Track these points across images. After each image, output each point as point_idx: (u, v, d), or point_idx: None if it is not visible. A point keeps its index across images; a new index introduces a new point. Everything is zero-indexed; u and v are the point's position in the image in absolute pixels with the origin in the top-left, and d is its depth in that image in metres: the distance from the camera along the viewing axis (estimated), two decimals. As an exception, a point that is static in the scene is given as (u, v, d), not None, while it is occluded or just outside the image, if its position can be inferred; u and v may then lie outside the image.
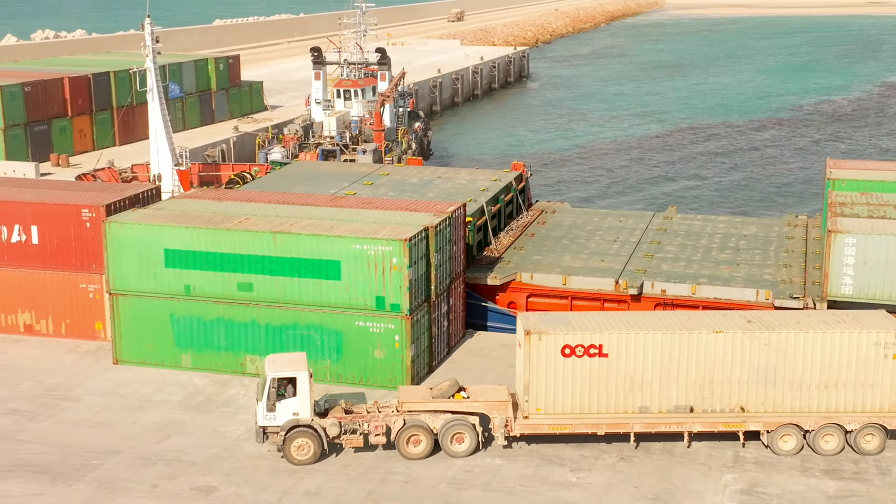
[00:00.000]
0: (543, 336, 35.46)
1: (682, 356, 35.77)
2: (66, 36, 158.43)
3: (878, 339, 35.79)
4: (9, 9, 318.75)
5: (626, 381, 35.84)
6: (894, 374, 36.00)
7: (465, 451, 35.79)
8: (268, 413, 35.28)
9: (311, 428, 35.24)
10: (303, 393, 35.33)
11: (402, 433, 35.59)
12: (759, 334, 35.74)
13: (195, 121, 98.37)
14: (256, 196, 49.07)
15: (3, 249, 46.20)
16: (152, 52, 62.46)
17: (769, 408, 36.14)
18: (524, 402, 35.99)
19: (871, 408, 36.11)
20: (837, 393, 36.04)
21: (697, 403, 36.04)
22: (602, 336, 35.64)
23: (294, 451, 35.09)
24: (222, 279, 41.96)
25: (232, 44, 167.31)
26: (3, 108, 78.97)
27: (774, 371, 35.85)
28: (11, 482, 33.61)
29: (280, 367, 35.71)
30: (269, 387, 35.15)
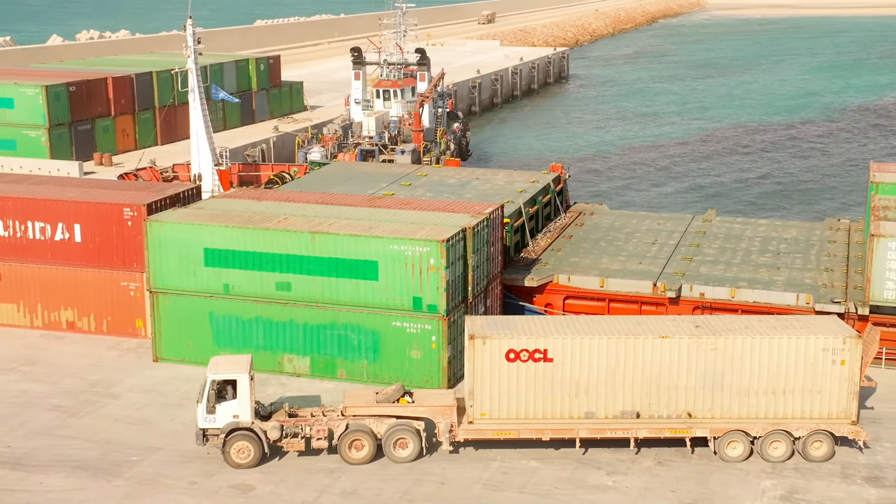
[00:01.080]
0: (487, 340, 35.12)
1: (627, 361, 35.38)
2: (110, 36, 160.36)
3: (826, 346, 35.21)
4: (54, 9, 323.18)
5: (571, 387, 35.49)
6: (843, 381, 35.41)
7: (408, 456, 35.41)
8: (207, 415, 34.96)
9: (252, 431, 34.93)
10: (243, 396, 34.97)
11: (343, 437, 35.28)
12: (705, 340, 35.29)
13: (235, 121, 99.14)
14: (295, 196, 49.36)
15: (47, 247, 46.86)
16: (194, 53, 63.12)
17: (716, 414, 35.71)
18: (469, 407, 35.67)
19: (820, 414, 35.66)
20: (785, 399, 35.57)
21: (644, 409, 35.68)
22: (547, 341, 35.25)
23: (234, 455, 34.83)
24: (261, 278, 42.26)
25: (273, 44, 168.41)
26: (48, 108, 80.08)
27: (721, 377, 35.39)
28: (53, 477, 34.10)
29: (220, 370, 35.45)
30: (208, 389, 34.93)
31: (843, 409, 35.63)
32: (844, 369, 35.35)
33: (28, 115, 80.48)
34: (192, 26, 63.31)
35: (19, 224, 46.94)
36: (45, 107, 79.97)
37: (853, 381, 35.46)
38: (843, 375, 35.40)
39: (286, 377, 41.78)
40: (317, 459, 35.37)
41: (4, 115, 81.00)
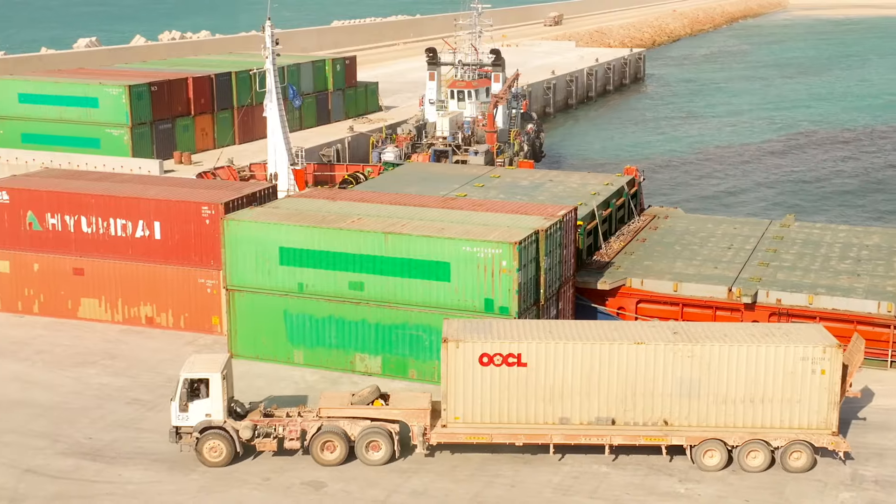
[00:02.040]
0: (461, 344, 34.91)
1: (602, 367, 34.92)
2: (191, 37, 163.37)
3: (806, 354, 34.54)
4: (146, 10, 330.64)
5: (545, 392, 35.08)
6: (822, 391, 34.69)
7: (380, 459, 35.29)
8: (180, 413, 35.22)
9: (224, 430, 35.14)
10: (215, 395, 35.16)
11: (315, 438, 35.24)
12: (681, 346, 34.74)
13: (311, 120, 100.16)
14: (369, 196, 49.75)
15: (128, 244, 47.97)
16: (272, 54, 63.94)
17: (693, 422, 35.17)
18: (443, 411, 35.47)
19: (799, 424, 34.96)
20: (764, 408, 34.88)
21: (619, 416, 35.20)
22: (521, 345, 34.89)
23: (206, 453, 35.11)
24: (334, 278, 42.69)
25: (349, 45, 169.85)
26: (130, 107, 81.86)
27: (698, 384, 34.82)
28: (131, 469, 34.91)
29: (193, 368, 35.67)
30: (180, 387, 35.18)
31: (824, 420, 34.93)
32: (824, 379, 34.63)
33: (112, 114, 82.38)
34: (270, 27, 64.15)
35: (102, 221, 48.13)
36: (127, 106, 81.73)
37: (833, 391, 34.76)
38: (822, 385, 34.69)
39: (358, 376, 42.15)
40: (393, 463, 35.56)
41: (89, 114, 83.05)
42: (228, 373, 36.34)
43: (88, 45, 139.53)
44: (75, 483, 33.97)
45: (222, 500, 33.15)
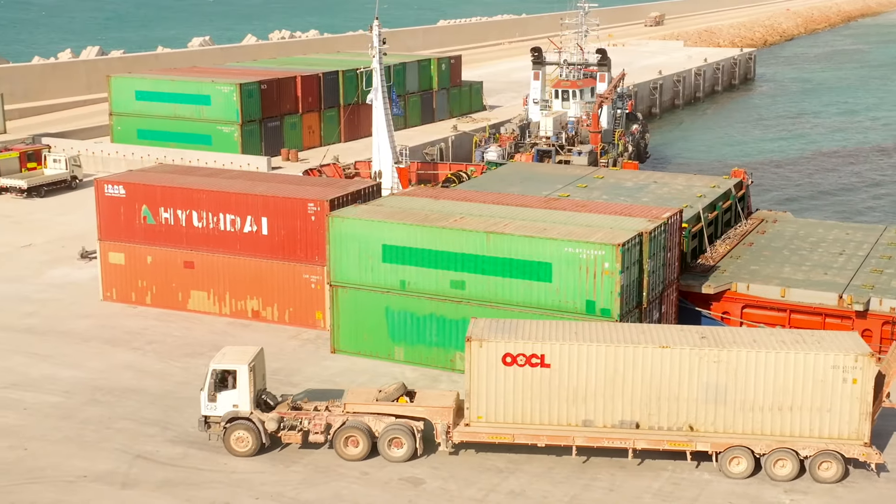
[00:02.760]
0: (484, 343, 34.75)
1: (627, 370, 34.41)
2: (300, 36, 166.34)
3: (837, 363, 33.57)
4: (269, 9, 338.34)
5: (569, 393, 34.71)
6: (854, 400, 33.66)
7: (403, 456, 35.28)
8: (209, 403, 35.84)
9: (250, 421, 35.58)
10: (242, 386, 35.64)
11: (339, 433, 35.45)
12: (707, 351, 34.13)
13: (416, 119, 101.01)
14: (472, 195, 49.89)
15: (236, 239, 49.15)
16: (379, 53, 64.70)
17: (719, 428, 34.46)
18: (466, 410, 35.35)
19: (830, 434, 34.03)
20: (792, 417, 34.05)
21: (644, 420, 34.62)
22: (544, 346, 34.59)
23: (233, 443, 35.69)
24: (436, 276, 42.96)
25: (454, 44, 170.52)
26: (241, 105, 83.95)
27: (725, 390, 34.14)
28: (236, 459, 35.78)
29: (223, 360, 36.23)
30: (209, 378, 35.77)
31: (855, 430, 33.92)
32: (856, 388, 33.63)
33: (223, 111, 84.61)
34: (378, 27, 64.95)
35: (212, 216, 49.39)
36: (238, 104, 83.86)
37: (866, 400, 33.70)
38: (854, 394, 33.67)
39: (457, 374, 42.31)
40: (487, 457, 35.66)
41: (201, 111, 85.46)
42: (259, 365, 36.75)
43: (202, 44, 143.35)
44: (183, 470, 35.00)
45: (322, 492, 33.72)
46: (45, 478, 34.26)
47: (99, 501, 32.87)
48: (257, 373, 36.56)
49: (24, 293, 53.02)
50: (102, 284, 51.99)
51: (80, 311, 50.56)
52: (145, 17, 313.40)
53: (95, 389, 41.25)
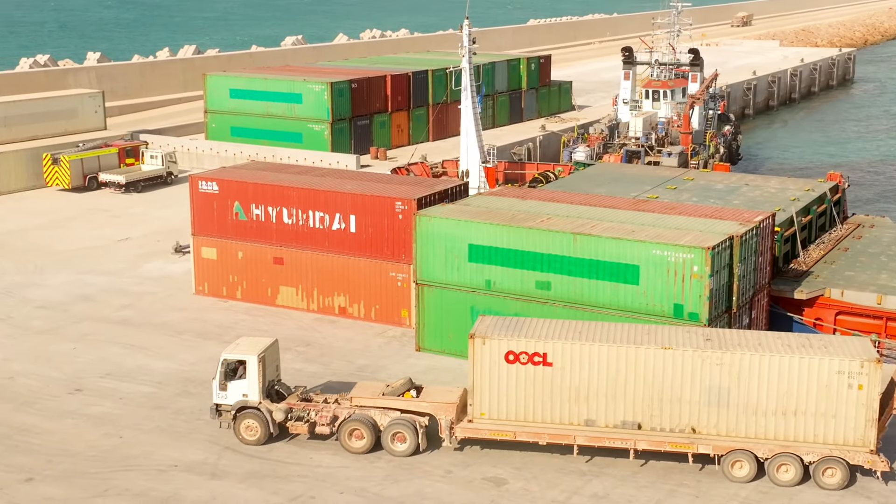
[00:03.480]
0: (487, 341, 34.90)
1: (629, 371, 34.35)
2: (390, 35, 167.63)
3: (842, 368, 33.02)
4: (362, 8, 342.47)
5: (570, 393, 34.79)
6: (860, 406, 33.08)
7: (405, 451, 35.60)
8: (220, 391, 36.72)
9: (259, 411, 36.25)
10: (251, 376, 36.43)
11: (344, 425, 35.90)
12: (710, 353, 33.86)
13: (504, 118, 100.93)
14: (559, 196, 49.68)
15: (325, 236, 49.81)
16: (468, 53, 64.81)
17: (722, 431, 34.19)
18: (469, 406, 35.53)
19: (835, 440, 33.51)
20: (796, 421, 33.64)
21: (646, 421, 34.51)
22: (546, 344, 34.67)
23: (243, 431, 36.53)
24: (522, 276, 42.90)
25: (544, 43, 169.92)
26: (332, 104, 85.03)
27: (728, 393, 33.86)
28: (322, 453, 36.30)
29: (234, 350, 37.12)
30: (219, 367, 36.61)
31: (861, 437, 33.36)
32: (862, 394, 33.04)
33: (314, 110, 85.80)
34: (468, 26, 65.06)
35: (301, 213, 50.14)
36: (329, 102, 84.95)
37: (872, 407, 33.08)
38: (860, 401, 33.07)
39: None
40: (570, 459, 35.47)
41: (293, 109, 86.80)
42: (271, 357, 37.54)
43: (294, 43, 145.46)
44: (269, 463, 35.63)
45: (405, 489, 33.97)
46: (138, 466, 35.24)
47: (189, 490, 33.66)
48: (268, 364, 37.43)
49: (120, 286, 54.60)
50: (195, 278, 53.22)
51: (174, 304, 51.84)
52: (250, 17, 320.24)
53: (187, 381, 42.25)
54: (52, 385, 41.78)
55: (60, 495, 33.20)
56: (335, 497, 33.41)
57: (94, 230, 65.61)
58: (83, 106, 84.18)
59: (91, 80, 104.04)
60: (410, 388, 37.36)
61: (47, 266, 57.84)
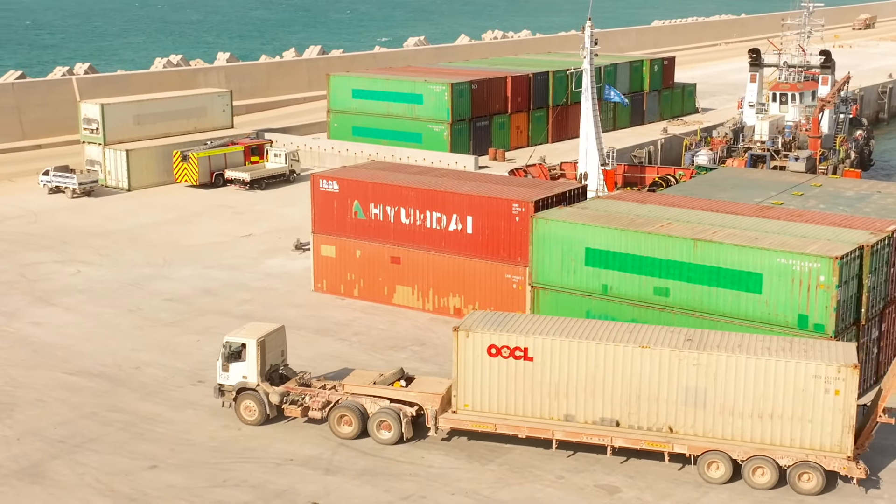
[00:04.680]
0: (470, 333, 35.55)
1: (607, 368, 34.71)
2: (512, 36, 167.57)
3: (819, 373, 32.79)
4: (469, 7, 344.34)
5: (551, 388, 35.24)
6: (836, 412, 32.75)
7: (390, 439, 36.55)
8: (222, 372, 38.41)
9: (257, 392, 37.86)
10: (250, 359, 38.03)
11: (333, 411, 37.16)
12: (687, 354, 33.91)
13: (625, 121, 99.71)
14: (679, 201, 48.74)
15: (441, 236, 50.04)
16: (590, 54, 64.22)
17: (699, 432, 34.24)
18: (453, 398, 36.17)
19: (811, 445, 33.24)
20: (773, 424, 33.44)
21: (624, 418, 34.82)
22: (527, 339, 35.14)
23: (242, 411, 38.20)
24: (639, 282, 42.26)
25: (668, 45, 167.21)
26: (451, 104, 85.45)
27: (704, 394, 33.89)
28: (433, 453, 36.48)
29: (237, 334, 38.90)
30: (221, 349, 38.35)
31: (838, 443, 33.02)
32: (839, 399, 32.74)
33: (434, 110, 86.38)
34: (590, 28, 64.48)
35: (419, 213, 50.49)
36: (449, 103, 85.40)
37: (849, 413, 32.78)
38: (836, 406, 32.79)
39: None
40: (687, 469, 34.72)
41: (413, 110, 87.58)
42: (273, 342, 38.94)
43: (417, 43, 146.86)
44: (382, 461, 35.98)
45: (516, 493, 33.82)
46: (256, 458, 36.06)
47: (303, 485, 34.26)
48: (269, 349, 38.79)
49: (242, 281, 56.03)
50: (314, 276, 54.19)
51: (293, 300, 52.90)
52: (393, 18, 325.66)
53: (304, 376, 43.00)
54: (176, 376, 43.14)
55: (182, 483, 34.22)
56: (446, 498, 33.51)
57: (219, 226, 67.54)
58: (212, 105, 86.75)
59: (220, 79, 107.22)
60: (401, 378, 38.43)
61: (175, 260, 59.79)
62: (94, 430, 38.02)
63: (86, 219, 69.23)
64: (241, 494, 33.58)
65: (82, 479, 34.43)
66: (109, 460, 35.70)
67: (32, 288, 54.49)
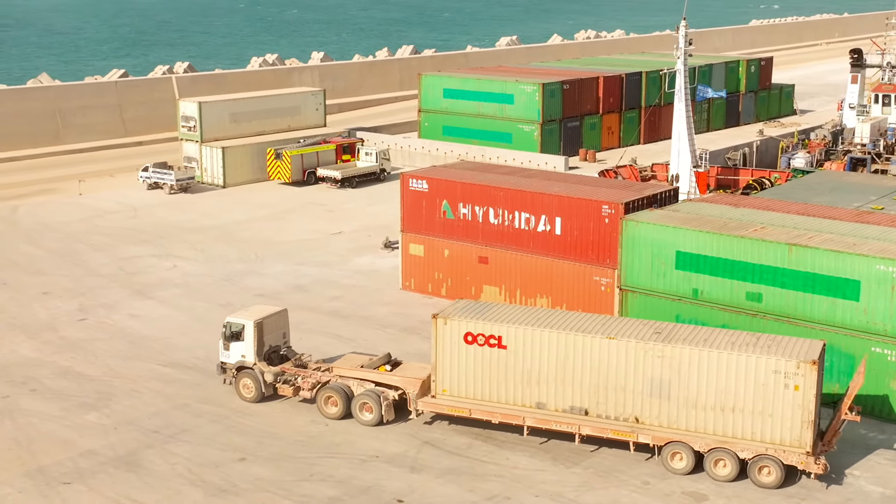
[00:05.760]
0: (448, 321, 36.87)
1: (576, 357, 35.57)
2: (605, 36, 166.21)
3: (779, 368, 33.28)
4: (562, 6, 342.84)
5: (523, 375, 36.28)
6: (796, 407, 33.18)
7: (371, 420, 38.13)
8: (224, 351, 40.72)
9: (254, 371, 39.95)
10: (248, 340, 40.23)
11: (321, 392, 38.94)
12: (652, 346, 34.61)
13: (719, 122, 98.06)
14: (774, 204, 47.71)
15: (530, 237, 49.89)
16: (683, 54, 63.33)
17: (664, 423, 34.91)
18: (432, 383, 37.48)
19: (771, 439, 33.71)
20: (734, 418, 34.01)
21: (592, 407, 35.71)
22: (501, 327, 36.25)
23: (241, 388, 40.33)
24: (731, 287, 41.49)
25: (766, 45, 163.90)
26: (542, 105, 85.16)
27: (668, 386, 34.55)
28: (518, 454, 36.41)
29: (237, 314, 41.44)
30: (222, 328, 40.78)
31: (797, 438, 33.42)
32: (798, 395, 33.17)
33: (524, 110, 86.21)
34: (685, 27, 63.58)
35: (508, 213, 50.41)
36: (540, 103, 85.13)
37: (808, 409, 33.17)
38: (796, 401, 33.21)
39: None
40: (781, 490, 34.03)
41: (504, 110, 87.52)
42: (273, 325, 41.03)
43: (509, 43, 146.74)
44: (467, 460, 36.05)
45: (601, 497, 33.53)
46: (342, 454, 36.48)
47: (388, 481, 34.54)
48: (268, 330, 40.88)
49: (331, 278, 56.75)
50: (402, 274, 54.59)
51: (381, 298, 53.36)
52: (501, 16, 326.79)
53: (390, 374, 43.35)
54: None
55: (270, 476, 34.83)
56: (530, 500, 33.41)
57: (310, 223, 68.53)
58: (305, 103, 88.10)
59: (314, 78, 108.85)
60: (388, 363, 40.11)
61: (267, 256, 60.88)
62: (187, 421, 38.96)
63: (182, 214, 70.99)
64: (328, 489, 34.02)
65: (174, 468, 35.32)
66: (200, 451, 36.54)
67: (131, 281, 56.10)
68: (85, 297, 53.20)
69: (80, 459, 35.79)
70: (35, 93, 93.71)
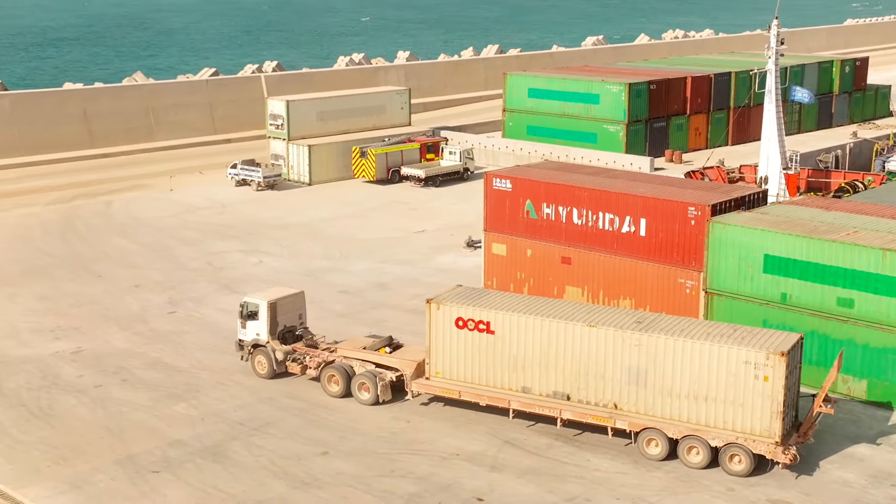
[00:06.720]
0: (441, 306, 38.45)
1: (559, 344, 36.85)
2: (693, 36, 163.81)
3: (749, 358, 34.13)
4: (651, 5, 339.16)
5: (510, 360, 37.77)
6: (765, 397, 33.95)
7: (368, 400, 39.96)
8: (241, 329, 43.00)
9: (266, 349, 42.19)
10: (262, 319, 42.45)
11: (324, 371, 40.91)
12: (629, 335, 35.76)
13: (811, 124, 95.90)
14: (867, 208, 46.47)
15: (614, 238, 49.43)
16: (774, 54, 62.14)
17: (641, 409, 36.00)
18: (426, 365, 39.17)
19: (742, 428, 34.50)
20: (707, 406, 34.95)
21: (574, 393, 37.00)
22: (490, 313, 37.79)
23: (256, 365, 42.65)
24: (821, 292, 40.55)
25: (862, 45, 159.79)
26: (629, 105, 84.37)
27: (645, 374, 35.66)
28: (599, 457, 36.22)
29: (254, 295, 43.62)
30: (239, 307, 43.08)
31: (766, 428, 34.11)
32: (767, 386, 33.86)
33: (610, 110, 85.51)
34: (777, 27, 62.37)
35: (591, 214, 49.99)
36: (626, 104, 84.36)
37: (777, 399, 33.85)
38: (765, 392, 33.93)
39: (836, 395, 39.70)
40: (863, 490, 33.11)
41: (589, 109, 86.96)
42: (288, 306, 43.09)
43: (595, 43, 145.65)
44: (548, 461, 35.93)
45: (683, 502, 33.10)
46: (423, 451, 36.70)
47: (469, 480, 34.63)
48: (282, 311, 42.93)
49: (413, 276, 57.08)
50: (484, 273, 54.57)
51: (463, 296, 53.41)
52: (601, 15, 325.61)
53: (471, 373, 43.42)
54: (348, 366, 44.37)
55: (351, 471, 35.21)
56: (611, 502, 33.15)
57: (394, 221, 69.03)
58: (391, 102, 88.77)
59: (399, 77, 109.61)
60: (388, 346, 41.72)
61: (351, 253, 61.53)
62: (271, 414, 39.63)
63: (269, 211, 72.17)
64: (408, 485, 34.24)
65: (258, 461, 35.95)
66: (284, 444, 37.13)
67: (218, 276, 57.25)
68: (174, 291, 54.48)
69: (169, 449, 36.69)
70: (130, 91, 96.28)
